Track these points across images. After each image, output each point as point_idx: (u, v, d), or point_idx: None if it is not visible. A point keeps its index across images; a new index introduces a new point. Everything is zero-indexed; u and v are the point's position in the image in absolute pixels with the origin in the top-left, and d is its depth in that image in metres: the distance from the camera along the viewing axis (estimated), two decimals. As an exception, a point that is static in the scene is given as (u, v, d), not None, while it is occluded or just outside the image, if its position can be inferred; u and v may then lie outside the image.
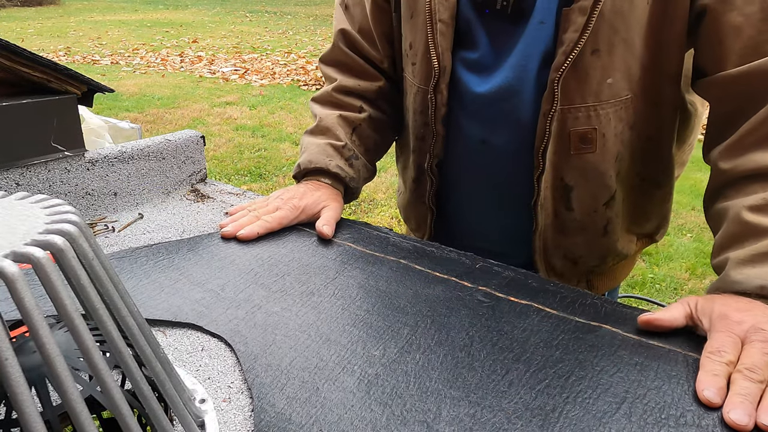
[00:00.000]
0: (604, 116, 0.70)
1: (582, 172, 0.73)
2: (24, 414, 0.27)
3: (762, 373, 0.47)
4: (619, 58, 0.67)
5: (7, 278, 0.27)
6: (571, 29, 0.65)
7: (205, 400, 0.47)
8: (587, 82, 0.68)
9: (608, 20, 0.64)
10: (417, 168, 0.87)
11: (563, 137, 0.71)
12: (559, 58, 0.66)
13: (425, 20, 0.74)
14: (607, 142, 0.71)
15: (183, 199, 0.92)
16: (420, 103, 0.81)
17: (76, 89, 0.80)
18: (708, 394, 0.47)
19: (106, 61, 7.07)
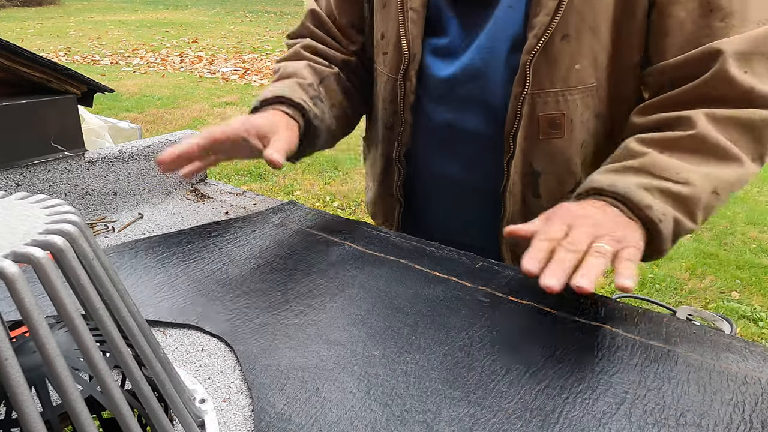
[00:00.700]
0: (572, 102, 0.71)
1: (550, 157, 0.74)
2: (24, 414, 0.27)
3: (579, 247, 0.54)
4: (586, 45, 0.69)
5: (8, 278, 0.27)
6: (543, 13, 0.67)
7: (205, 400, 0.47)
8: (557, 67, 0.69)
9: (577, 7, 0.67)
10: (385, 159, 0.86)
11: (533, 121, 0.72)
12: (530, 41, 0.68)
13: (397, 9, 0.75)
14: (575, 128, 0.73)
15: (183, 199, 0.92)
16: (389, 92, 0.81)
17: (76, 89, 0.80)
18: (526, 264, 0.54)
19: (106, 61, 7.07)
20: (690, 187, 0.62)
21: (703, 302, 2.23)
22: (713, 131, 0.64)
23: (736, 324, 2.09)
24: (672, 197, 0.61)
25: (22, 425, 0.27)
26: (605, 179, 0.63)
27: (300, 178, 3.41)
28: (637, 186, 0.61)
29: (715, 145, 0.63)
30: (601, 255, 0.54)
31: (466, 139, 0.78)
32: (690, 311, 0.70)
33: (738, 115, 0.64)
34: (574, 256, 0.54)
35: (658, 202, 0.61)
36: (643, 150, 0.65)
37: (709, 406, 0.47)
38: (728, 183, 0.64)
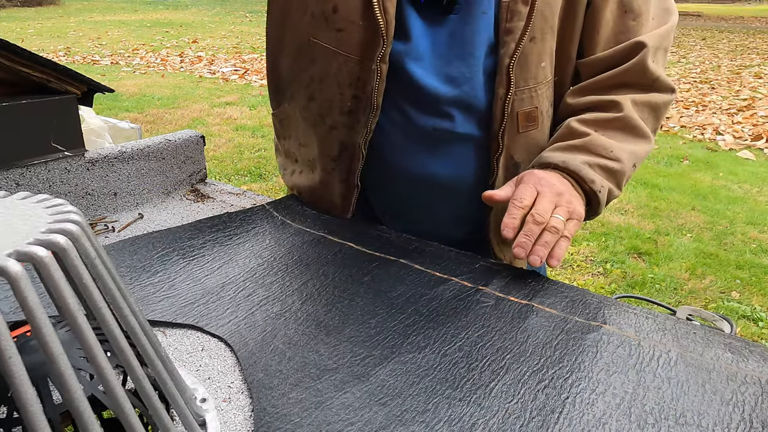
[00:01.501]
0: (540, 95, 0.79)
1: (527, 148, 0.81)
2: (28, 413, 0.27)
3: (545, 217, 0.67)
4: (548, 44, 0.76)
5: (11, 277, 0.27)
6: (517, 18, 0.72)
7: (206, 399, 0.47)
8: (528, 66, 0.75)
9: (540, 10, 0.73)
10: (339, 145, 0.80)
11: (512, 118, 0.78)
12: (509, 46, 0.73)
13: None
14: (544, 119, 0.81)
15: (183, 199, 0.92)
16: (349, 75, 0.75)
17: (76, 89, 0.80)
18: (505, 233, 0.66)
19: (106, 61, 7.07)
20: (620, 164, 0.75)
21: (703, 302, 2.23)
22: (635, 114, 0.76)
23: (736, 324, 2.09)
24: (608, 171, 0.75)
25: (26, 423, 0.27)
26: (558, 156, 0.74)
27: (300, 178, 3.40)
28: (583, 163, 0.73)
29: (636, 126, 0.77)
30: (556, 231, 0.66)
31: (453, 141, 0.79)
32: (690, 311, 0.70)
33: (649, 99, 0.78)
34: (539, 229, 0.66)
35: (598, 176, 0.73)
36: (584, 130, 0.76)
37: (709, 406, 0.47)
38: (641, 158, 0.78)
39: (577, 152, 0.75)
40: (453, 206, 0.85)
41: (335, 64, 0.76)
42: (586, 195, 0.74)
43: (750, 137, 4.39)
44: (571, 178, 0.73)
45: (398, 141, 0.80)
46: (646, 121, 0.78)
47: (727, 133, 4.50)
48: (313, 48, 0.77)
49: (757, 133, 4.44)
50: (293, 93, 0.84)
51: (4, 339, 0.27)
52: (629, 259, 2.58)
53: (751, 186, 3.46)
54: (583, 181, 0.73)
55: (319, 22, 0.75)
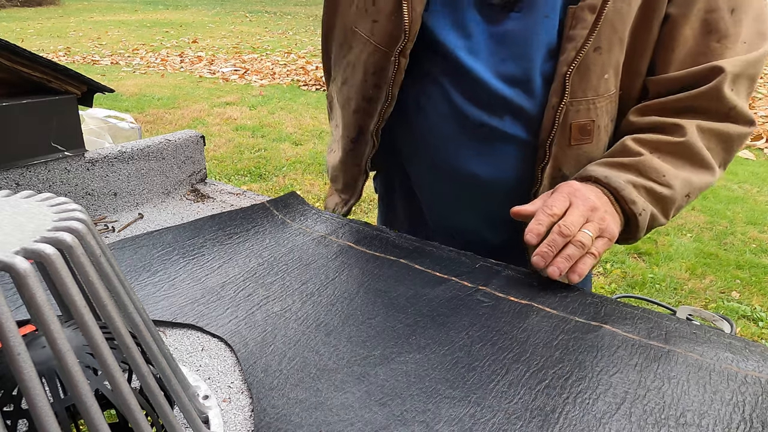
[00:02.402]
0: (599, 109, 0.75)
1: (578, 162, 0.77)
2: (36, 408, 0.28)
3: (572, 230, 0.64)
4: (614, 56, 0.72)
5: (19, 274, 0.27)
6: (580, 26, 0.69)
7: (208, 397, 0.47)
8: (589, 77, 0.72)
9: (610, 19, 0.69)
10: (357, 129, 0.84)
11: (565, 129, 0.75)
12: (569, 54, 0.70)
13: None
14: (600, 133, 0.77)
15: (183, 199, 0.92)
16: (374, 64, 0.78)
17: (76, 89, 0.80)
18: (527, 237, 0.64)
19: (106, 61, 7.07)
20: (670, 190, 0.70)
21: (703, 302, 2.23)
22: (699, 141, 0.71)
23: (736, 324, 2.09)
24: (654, 196, 0.70)
25: (35, 418, 0.28)
26: (602, 171, 0.71)
27: (300, 178, 3.41)
28: (627, 182, 0.69)
29: (698, 154, 0.72)
30: (581, 246, 0.64)
31: (499, 140, 0.77)
32: (690, 311, 0.70)
33: (719, 128, 0.72)
34: (563, 241, 0.63)
35: (641, 199, 0.70)
36: (638, 150, 0.72)
37: (709, 406, 0.47)
38: (699, 188, 0.73)
39: (624, 170, 0.71)
40: (492, 208, 0.83)
41: (366, 53, 0.79)
42: (625, 216, 0.70)
43: (750, 137, 4.40)
44: (611, 195, 0.70)
45: (445, 134, 0.80)
46: (713, 151, 0.73)
47: (727, 133, 4.51)
48: (354, 36, 0.81)
49: (757, 132, 4.44)
50: (335, 76, 0.89)
51: (12, 336, 0.27)
52: (629, 259, 2.58)
53: (751, 186, 3.46)
54: (623, 200, 0.69)
55: (361, 12, 0.79)
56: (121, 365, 0.35)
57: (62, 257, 0.30)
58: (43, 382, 0.30)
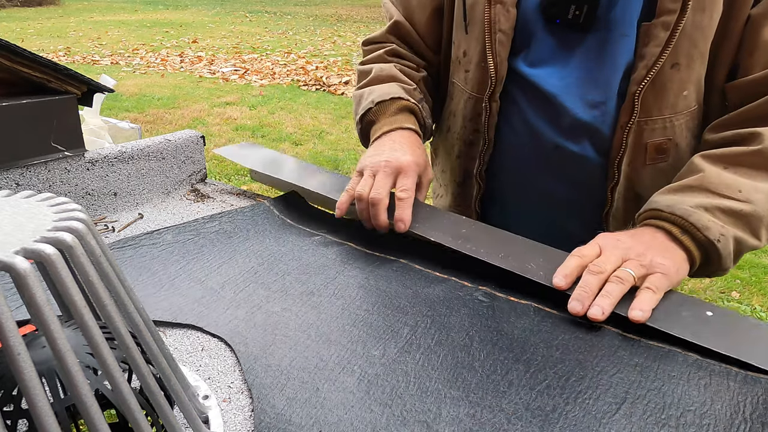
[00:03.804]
0: (678, 127, 0.72)
1: (655, 182, 0.73)
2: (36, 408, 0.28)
3: (605, 269, 0.58)
4: (695, 71, 0.69)
5: (19, 274, 0.27)
6: (653, 44, 0.66)
7: (208, 397, 0.47)
8: (665, 95, 0.69)
9: (689, 34, 0.66)
10: (464, 172, 0.87)
11: (639, 148, 0.72)
12: (640, 72, 0.67)
13: (483, 29, 0.74)
14: (680, 151, 0.74)
15: (183, 199, 0.92)
16: (471, 110, 0.82)
17: (76, 89, 0.80)
18: (555, 280, 0.59)
19: (106, 61, 7.07)
20: (751, 206, 0.61)
21: (703, 302, 2.23)
22: None
23: (736, 324, 2.09)
24: (733, 215, 0.61)
25: (35, 418, 0.28)
26: (664, 201, 0.64)
27: (300, 178, 3.40)
28: (695, 206, 0.61)
29: None
30: (620, 281, 0.57)
31: (574, 162, 0.76)
32: (690, 311, 0.70)
33: None
34: (598, 280, 0.57)
35: (717, 222, 0.61)
36: (703, 166, 0.65)
37: (709, 406, 0.47)
38: None
39: (690, 193, 0.63)
40: (563, 230, 0.83)
41: (462, 101, 0.83)
42: (701, 246, 0.61)
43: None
44: (676, 227, 0.62)
45: (519, 157, 0.81)
46: None
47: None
48: (453, 87, 0.86)
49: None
50: (441, 126, 0.93)
51: (12, 336, 0.27)
52: (629, 259, 2.58)
53: (751, 186, 3.46)
54: (694, 228, 0.60)
55: (456, 65, 0.84)
56: (121, 365, 0.35)
57: (62, 257, 0.30)
58: (43, 382, 0.31)
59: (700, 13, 0.65)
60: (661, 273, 0.58)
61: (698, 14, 0.65)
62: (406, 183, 0.71)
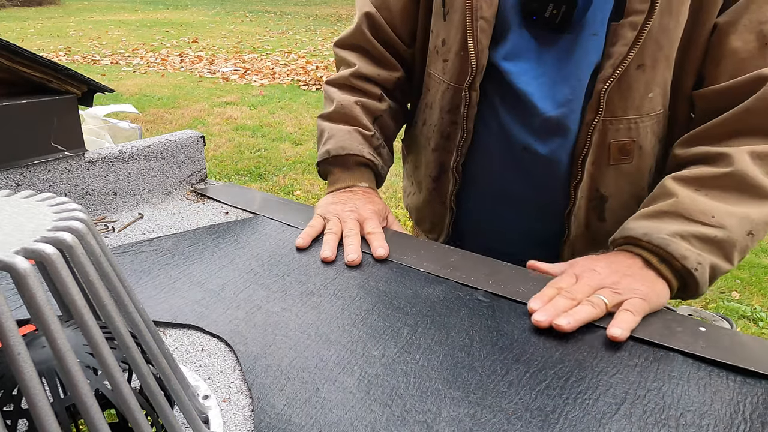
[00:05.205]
0: (642, 129, 0.72)
1: (617, 183, 0.75)
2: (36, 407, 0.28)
3: (577, 296, 0.59)
4: (660, 73, 0.69)
5: (20, 274, 0.27)
6: (620, 43, 0.67)
7: (208, 396, 0.47)
8: (630, 95, 0.70)
9: (655, 36, 0.67)
10: (439, 167, 0.86)
11: (603, 148, 0.73)
12: (606, 71, 0.68)
13: (463, 16, 0.73)
14: (643, 154, 0.74)
15: (183, 199, 0.92)
16: (449, 101, 0.80)
17: (76, 89, 0.80)
18: (530, 304, 0.59)
19: (106, 61, 7.07)
20: (725, 231, 0.62)
21: (703, 302, 2.23)
22: (754, 169, 0.63)
23: (736, 324, 2.09)
24: (708, 242, 0.62)
25: (35, 418, 0.28)
26: (640, 228, 0.64)
27: (300, 178, 3.41)
28: (672, 234, 0.61)
29: (754, 184, 0.63)
30: (591, 305, 0.57)
31: (538, 160, 0.77)
32: (690, 311, 0.70)
33: None
34: (569, 303, 0.58)
35: (693, 251, 0.61)
36: (676, 190, 0.65)
37: (709, 406, 0.47)
38: (764, 222, 0.64)
39: (666, 219, 0.63)
40: (531, 230, 0.84)
41: (440, 92, 0.82)
42: (678, 274, 0.62)
43: None
44: (654, 256, 0.62)
45: (489, 157, 0.82)
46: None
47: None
48: (429, 79, 0.84)
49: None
50: (415, 119, 0.92)
51: (13, 336, 0.27)
52: (629, 259, 2.58)
53: (751, 186, 3.46)
54: (671, 257, 0.61)
55: (433, 55, 0.82)
56: (121, 365, 0.35)
57: (62, 257, 0.30)
58: (43, 382, 0.31)
59: (667, 16, 0.66)
60: (639, 298, 0.58)
61: (665, 17, 0.66)
62: (372, 225, 0.74)
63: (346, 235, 0.73)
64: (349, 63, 0.88)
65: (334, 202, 0.79)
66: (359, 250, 0.70)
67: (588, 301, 0.58)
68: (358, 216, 0.76)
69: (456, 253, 0.72)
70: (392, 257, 0.70)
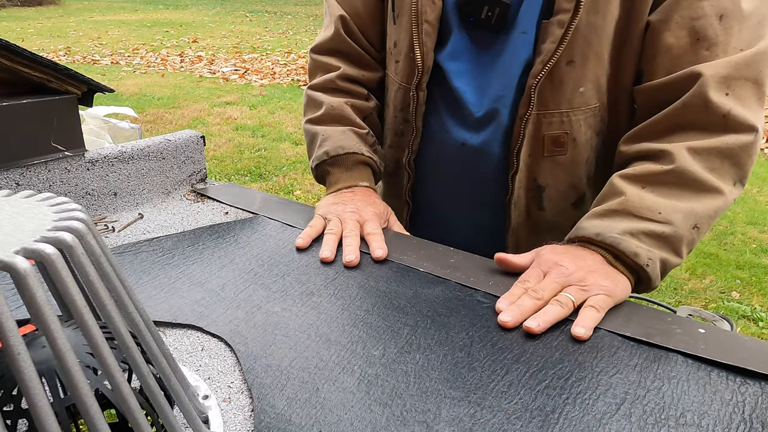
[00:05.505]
0: (575, 122, 0.75)
1: (554, 173, 0.78)
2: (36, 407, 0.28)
3: (544, 294, 0.59)
4: (590, 69, 0.72)
5: (20, 274, 0.27)
6: (549, 40, 0.70)
7: (208, 396, 0.47)
8: (561, 90, 0.73)
9: (583, 34, 0.70)
10: (394, 163, 0.90)
11: (538, 140, 0.76)
12: (536, 66, 0.71)
13: (410, 20, 0.77)
14: (578, 146, 0.77)
15: (183, 199, 0.92)
16: (401, 100, 0.84)
17: (76, 89, 0.80)
18: (499, 304, 0.59)
19: (106, 61, 7.07)
20: (672, 227, 0.65)
21: (703, 302, 2.23)
22: (693, 164, 0.66)
23: (736, 324, 2.09)
24: (656, 238, 0.65)
25: (35, 418, 0.28)
26: (592, 228, 0.66)
27: (300, 178, 3.41)
28: (622, 233, 0.64)
29: (695, 179, 0.66)
30: (560, 304, 0.58)
31: (477, 153, 0.81)
32: (690, 311, 0.70)
33: (717, 145, 0.66)
34: (535, 303, 0.59)
35: (644, 247, 0.64)
36: (623, 188, 0.68)
37: (709, 406, 0.47)
38: (707, 216, 0.66)
39: (616, 218, 0.66)
40: (476, 220, 0.88)
41: (393, 91, 0.86)
42: (632, 270, 0.64)
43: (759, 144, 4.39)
44: (608, 254, 0.65)
45: (435, 152, 0.86)
46: (719, 170, 0.66)
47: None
48: (387, 79, 0.89)
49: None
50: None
51: (12, 336, 0.27)
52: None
53: (751, 186, 3.46)
54: (623, 254, 0.63)
55: (389, 56, 0.86)
56: (121, 365, 0.35)
57: (62, 257, 0.30)
58: (43, 381, 0.31)
59: (593, 14, 0.68)
60: (604, 294, 0.60)
61: (592, 15, 0.68)
62: (372, 226, 0.75)
63: (346, 235, 0.73)
64: (332, 67, 0.90)
65: (335, 202, 0.80)
66: (358, 251, 0.70)
67: (556, 300, 0.59)
68: (359, 217, 0.77)
69: (456, 253, 0.72)
70: (392, 257, 0.70)
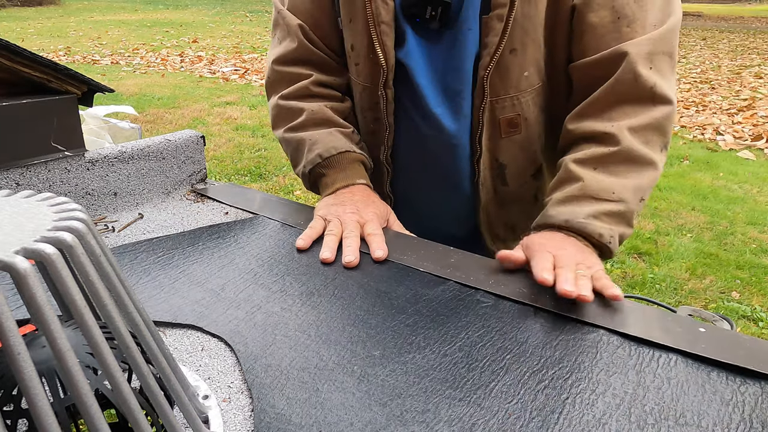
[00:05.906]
0: (525, 103, 0.82)
1: (512, 151, 0.85)
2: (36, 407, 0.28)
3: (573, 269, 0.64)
4: (531, 54, 0.78)
5: (20, 273, 0.27)
6: (492, 34, 0.76)
7: (208, 396, 0.47)
8: (508, 77, 0.79)
9: (520, 24, 0.75)
10: (373, 160, 0.91)
11: (494, 124, 0.82)
12: (485, 59, 0.77)
13: (366, 23, 0.80)
14: (530, 124, 0.84)
15: (183, 199, 0.92)
16: (368, 101, 0.87)
17: (76, 89, 0.80)
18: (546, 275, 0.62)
19: (106, 61, 7.07)
20: (625, 204, 0.72)
21: (703, 302, 2.23)
22: (635, 142, 0.74)
23: (736, 324, 2.09)
24: (615, 216, 0.72)
25: (35, 418, 0.28)
26: (558, 215, 0.73)
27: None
28: (586, 216, 0.71)
29: (638, 156, 0.74)
30: (586, 278, 0.63)
31: (444, 143, 0.86)
32: (690, 311, 0.70)
33: (649, 121, 0.75)
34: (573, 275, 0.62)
35: (605, 227, 0.71)
36: (580, 173, 0.74)
37: (709, 405, 0.47)
38: (649, 187, 0.75)
39: (579, 203, 0.73)
40: (449, 205, 0.93)
41: (359, 93, 0.88)
42: (596, 247, 0.71)
43: (750, 137, 4.39)
44: (577, 235, 0.71)
45: (408, 146, 0.90)
46: (652, 143, 0.75)
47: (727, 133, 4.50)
48: (352, 83, 0.90)
49: (757, 133, 4.43)
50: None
51: (12, 336, 0.27)
52: (629, 259, 2.58)
53: (751, 186, 3.46)
54: (590, 236, 0.70)
55: (348, 60, 0.88)
56: (121, 365, 0.35)
57: (62, 257, 0.30)
58: (43, 381, 0.31)
59: (527, 5, 0.75)
60: (600, 269, 0.67)
61: (526, 6, 0.75)
62: (372, 227, 0.76)
63: (346, 236, 0.73)
64: (302, 75, 0.89)
65: (335, 203, 0.80)
66: (357, 251, 0.70)
67: (582, 275, 0.63)
68: (359, 218, 0.77)
69: (456, 253, 0.72)
70: (392, 257, 0.70)
